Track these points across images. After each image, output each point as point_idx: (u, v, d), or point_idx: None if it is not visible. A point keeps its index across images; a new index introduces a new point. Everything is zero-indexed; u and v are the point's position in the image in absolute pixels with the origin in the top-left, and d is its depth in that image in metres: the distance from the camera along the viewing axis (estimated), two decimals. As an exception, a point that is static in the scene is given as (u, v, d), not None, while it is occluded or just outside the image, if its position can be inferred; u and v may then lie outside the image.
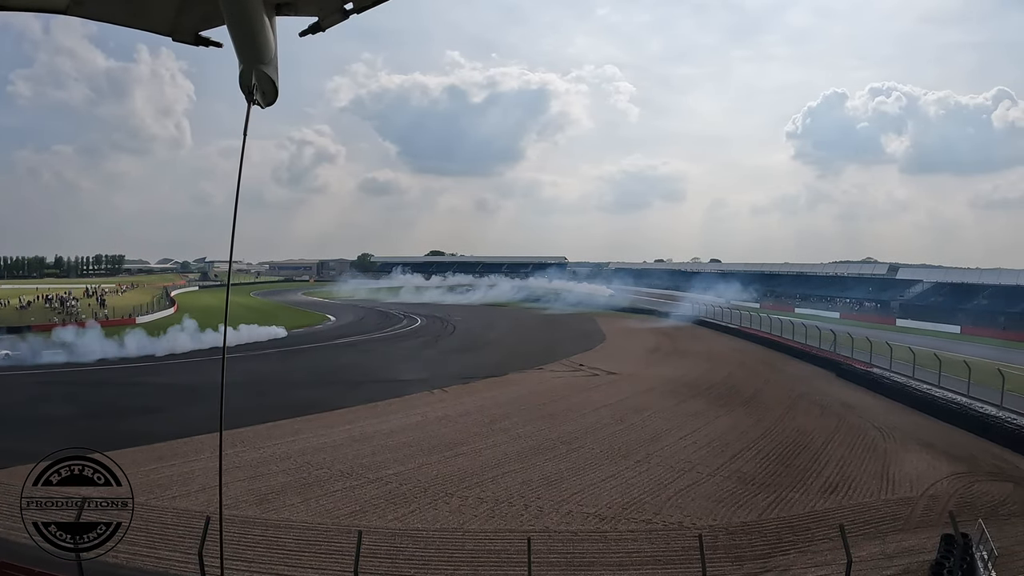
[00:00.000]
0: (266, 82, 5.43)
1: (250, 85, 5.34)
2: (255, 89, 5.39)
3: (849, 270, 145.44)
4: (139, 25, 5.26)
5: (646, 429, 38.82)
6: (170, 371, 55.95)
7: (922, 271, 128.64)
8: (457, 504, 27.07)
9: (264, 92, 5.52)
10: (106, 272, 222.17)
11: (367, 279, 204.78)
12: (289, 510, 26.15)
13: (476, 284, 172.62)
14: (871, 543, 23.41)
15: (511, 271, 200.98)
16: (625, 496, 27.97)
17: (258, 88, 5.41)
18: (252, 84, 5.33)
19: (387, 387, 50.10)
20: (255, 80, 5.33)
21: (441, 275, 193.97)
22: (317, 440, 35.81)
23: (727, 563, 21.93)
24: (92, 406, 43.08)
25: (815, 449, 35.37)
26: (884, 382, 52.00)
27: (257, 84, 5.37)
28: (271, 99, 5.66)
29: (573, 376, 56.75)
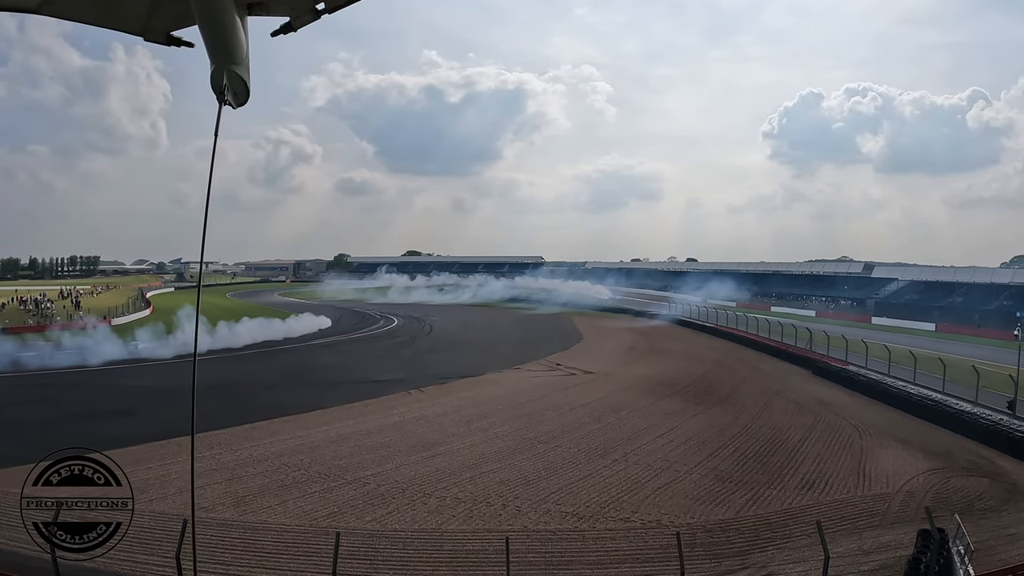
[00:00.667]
0: (237, 82, 5.40)
1: (221, 85, 5.30)
2: (226, 89, 5.36)
3: (825, 269, 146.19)
4: (110, 25, 5.22)
5: (623, 428, 38.89)
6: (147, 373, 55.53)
7: (897, 269, 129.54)
8: (435, 504, 27.01)
9: (236, 92, 5.49)
10: (81, 273, 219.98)
11: (350, 279, 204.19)
12: (267, 512, 26.01)
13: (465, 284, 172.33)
14: (848, 539, 23.54)
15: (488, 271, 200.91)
16: (603, 495, 27.99)
17: (229, 88, 5.38)
18: (223, 84, 5.30)
19: (364, 388, 50.00)
20: (226, 80, 5.29)
21: (425, 275, 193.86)
22: (294, 441, 35.64)
23: (705, 561, 21.97)
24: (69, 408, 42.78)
25: (792, 446, 35.55)
26: (860, 379, 52.33)
27: (228, 84, 5.34)
28: (243, 99, 5.63)
29: (550, 375, 56.79)
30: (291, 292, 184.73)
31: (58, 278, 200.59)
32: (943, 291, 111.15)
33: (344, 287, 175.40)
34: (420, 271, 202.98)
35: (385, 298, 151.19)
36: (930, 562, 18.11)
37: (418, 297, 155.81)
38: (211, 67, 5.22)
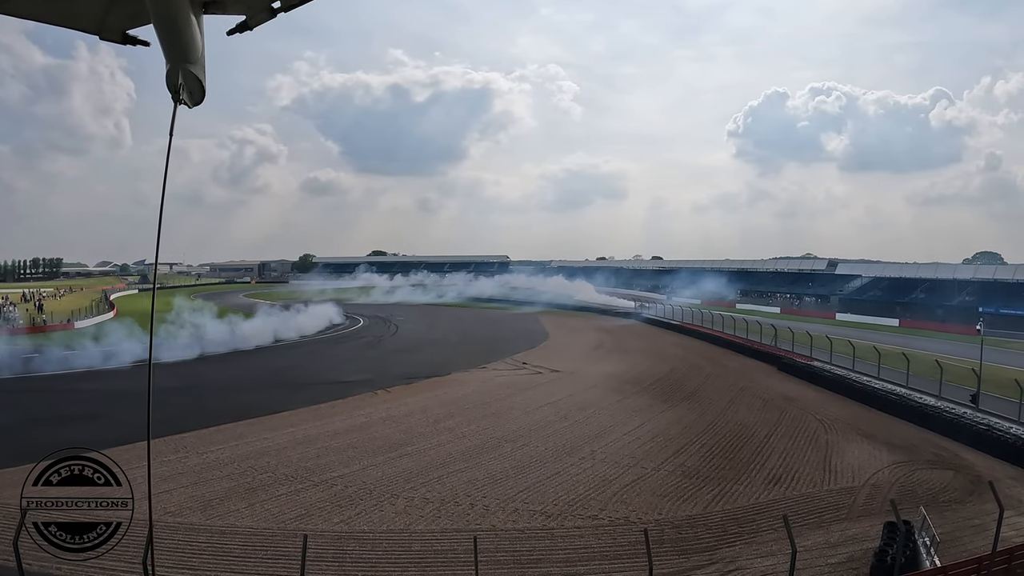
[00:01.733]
0: (193, 81, 5.39)
1: (176, 84, 5.29)
2: (182, 88, 5.35)
3: (789, 266, 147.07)
4: (66, 23, 5.15)
5: (590, 426, 38.95)
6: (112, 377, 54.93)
7: (861, 266, 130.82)
8: (403, 505, 26.92)
9: (191, 91, 5.48)
10: (44, 276, 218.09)
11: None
12: (234, 516, 25.79)
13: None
14: (815, 532, 23.74)
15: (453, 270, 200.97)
16: (571, 493, 28.03)
17: (184, 87, 5.37)
18: (179, 83, 5.30)
19: (330, 389, 49.72)
20: (182, 79, 5.28)
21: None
22: (261, 444, 35.38)
23: (673, 556, 22.04)
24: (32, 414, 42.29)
25: (758, 442, 35.78)
26: (825, 375, 52.72)
27: (184, 83, 5.33)
28: (198, 99, 5.62)
29: (516, 374, 56.71)
30: (263, 293, 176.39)
31: (20, 281, 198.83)
32: (906, 287, 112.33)
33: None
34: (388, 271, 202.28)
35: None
36: (896, 554, 18.21)
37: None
38: (166, 66, 5.20)
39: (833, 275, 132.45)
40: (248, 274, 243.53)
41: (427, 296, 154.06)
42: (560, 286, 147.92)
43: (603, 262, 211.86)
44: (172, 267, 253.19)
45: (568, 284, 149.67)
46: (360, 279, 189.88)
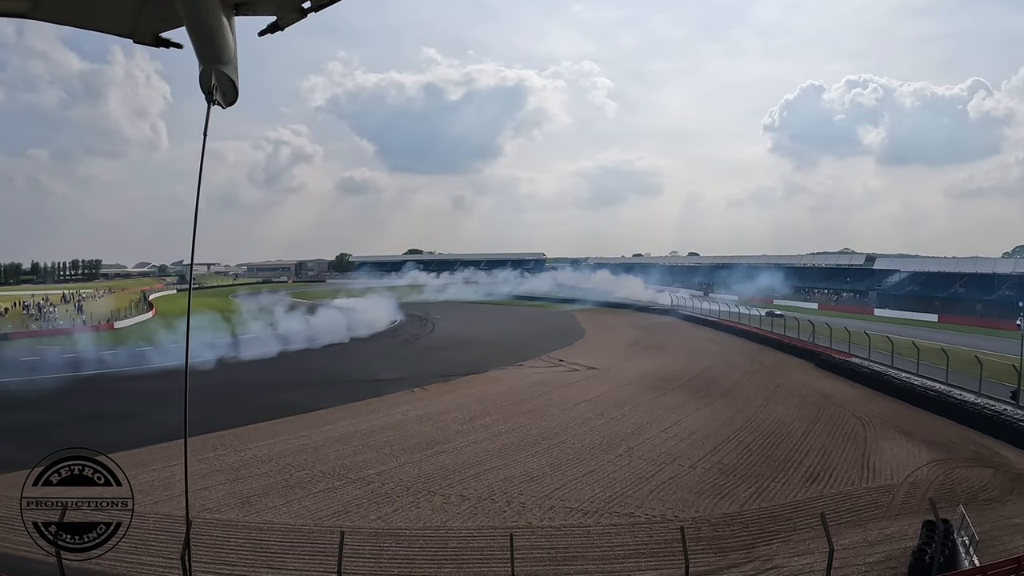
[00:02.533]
0: (226, 82, 5.43)
1: (210, 85, 5.34)
2: (215, 89, 5.39)
3: (827, 261, 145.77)
4: (98, 27, 5.21)
5: (626, 423, 38.90)
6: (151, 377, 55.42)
7: (899, 261, 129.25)
8: (439, 502, 27.03)
9: (224, 92, 5.52)
10: (83, 277, 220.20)
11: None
12: (271, 512, 26.03)
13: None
14: (853, 531, 23.52)
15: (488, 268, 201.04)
16: (607, 490, 28.01)
17: (218, 88, 5.41)
18: (212, 84, 5.33)
19: (366, 387, 50.04)
20: (214, 80, 5.33)
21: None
22: (297, 441, 35.68)
23: (710, 554, 21.96)
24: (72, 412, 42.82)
25: (795, 439, 35.55)
26: (863, 371, 52.33)
27: (217, 84, 5.37)
28: (231, 99, 5.66)
29: (552, 372, 56.75)
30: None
31: (60, 282, 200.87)
32: (945, 282, 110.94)
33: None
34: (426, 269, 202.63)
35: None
36: (935, 553, 18.06)
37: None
38: (199, 68, 5.25)
39: (871, 270, 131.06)
40: (284, 274, 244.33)
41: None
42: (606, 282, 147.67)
43: (640, 258, 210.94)
44: (209, 267, 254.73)
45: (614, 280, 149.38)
46: (406, 277, 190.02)
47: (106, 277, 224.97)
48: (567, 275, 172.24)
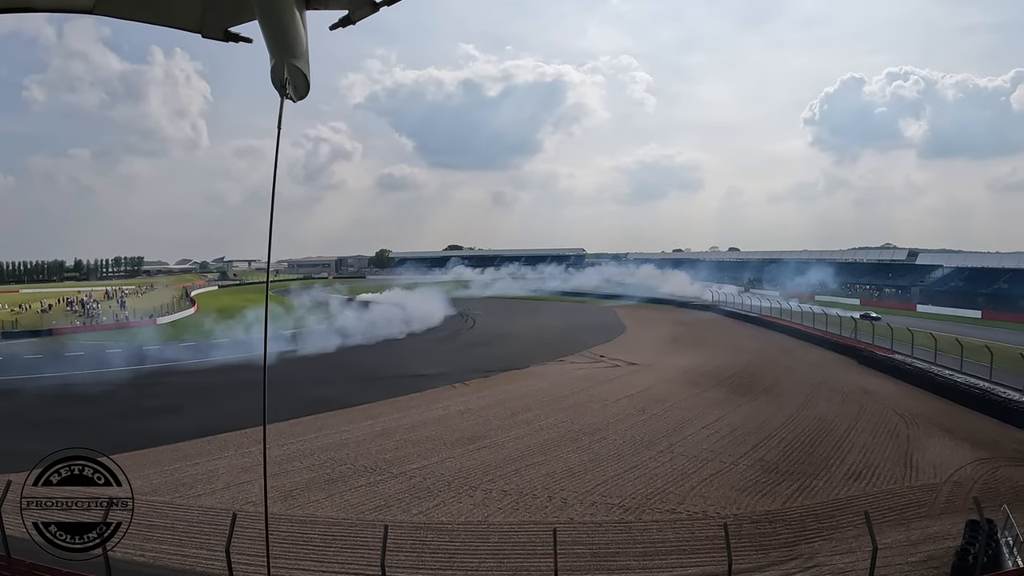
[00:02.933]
0: (298, 76, 5.47)
1: (282, 79, 5.37)
2: (287, 83, 5.43)
3: (868, 256, 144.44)
4: (167, 22, 5.29)
5: (668, 419, 38.95)
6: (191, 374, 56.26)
7: (942, 256, 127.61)
8: (481, 497, 27.24)
9: (296, 86, 5.56)
10: (126, 274, 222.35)
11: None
12: (314, 506, 26.38)
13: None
14: (895, 530, 23.44)
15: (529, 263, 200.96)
16: (649, 486, 28.11)
17: (290, 82, 5.45)
18: (284, 78, 5.37)
19: (408, 382, 50.48)
20: (287, 74, 5.37)
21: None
22: (340, 436, 36.10)
23: (752, 552, 21.98)
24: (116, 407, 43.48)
25: (837, 436, 35.38)
26: (905, 368, 51.90)
27: (289, 78, 5.41)
28: (303, 93, 5.70)
29: (593, 367, 56.83)
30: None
31: (103, 279, 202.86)
32: (989, 277, 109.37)
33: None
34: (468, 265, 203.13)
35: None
36: (978, 553, 18.01)
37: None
38: (271, 62, 5.33)
39: (913, 265, 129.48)
40: (325, 270, 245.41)
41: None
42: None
43: (680, 254, 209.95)
44: (251, 264, 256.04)
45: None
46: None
47: (148, 274, 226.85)
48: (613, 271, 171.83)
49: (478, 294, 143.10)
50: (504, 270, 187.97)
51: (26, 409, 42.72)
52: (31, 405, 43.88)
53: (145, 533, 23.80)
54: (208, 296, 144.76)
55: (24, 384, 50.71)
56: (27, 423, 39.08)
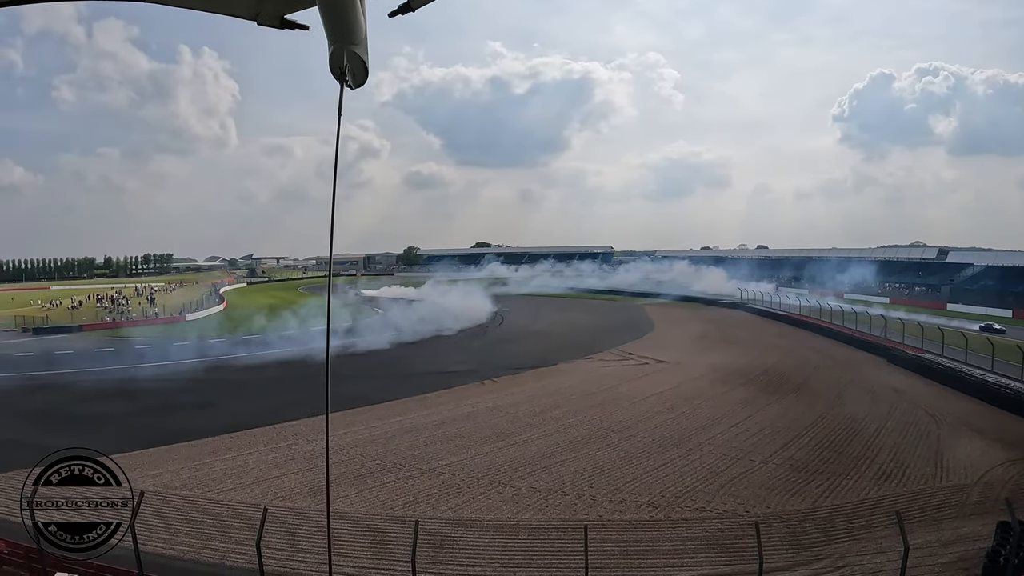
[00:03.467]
0: (356, 62, 5.40)
1: (342, 66, 5.30)
2: (346, 70, 5.36)
3: (898, 254, 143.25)
4: (222, 10, 5.29)
5: (697, 417, 38.96)
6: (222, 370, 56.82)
7: (972, 255, 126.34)
8: (510, 494, 27.38)
9: (355, 73, 5.48)
10: (155, 271, 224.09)
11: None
12: (343, 501, 26.56)
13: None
14: (926, 530, 23.37)
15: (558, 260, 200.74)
16: (678, 484, 28.15)
17: (349, 69, 5.37)
18: (343, 65, 5.30)
19: (437, 379, 50.71)
20: (346, 61, 5.29)
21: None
22: (369, 432, 36.32)
23: (782, 551, 21.98)
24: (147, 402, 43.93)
25: (867, 436, 35.27)
26: (936, 368, 51.57)
27: (348, 65, 5.33)
28: (361, 80, 5.61)
29: (622, 365, 56.85)
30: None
31: (133, 276, 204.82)
32: (1020, 276, 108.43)
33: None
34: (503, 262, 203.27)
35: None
36: (1009, 555, 17.96)
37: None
38: (330, 48, 5.27)
39: (943, 264, 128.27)
40: (353, 267, 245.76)
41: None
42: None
43: (707, 251, 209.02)
44: (279, 261, 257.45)
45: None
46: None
47: (177, 271, 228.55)
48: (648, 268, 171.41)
49: (512, 291, 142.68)
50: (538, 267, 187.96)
51: (57, 404, 43.31)
52: (62, 400, 44.44)
53: (175, 527, 24.17)
54: (237, 293, 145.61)
55: (54, 379, 51.44)
56: (59, 418, 39.58)
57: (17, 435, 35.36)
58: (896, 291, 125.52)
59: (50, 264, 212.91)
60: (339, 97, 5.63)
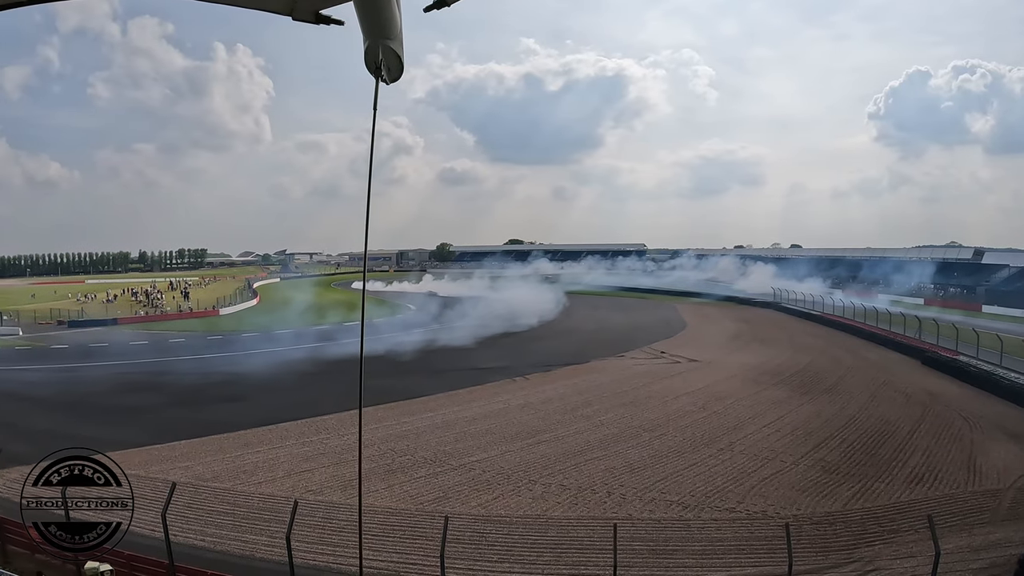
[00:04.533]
0: (392, 57, 5.46)
1: (377, 61, 5.39)
2: (382, 65, 5.44)
3: (933, 254, 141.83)
4: (257, 5, 5.24)
5: (728, 417, 38.92)
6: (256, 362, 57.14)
7: (1008, 255, 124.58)
8: (540, 491, 27.51)
9: (390, 67, 5.56)
10: (189, 266, 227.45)
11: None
12: (373, 495, 26.83)
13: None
14: (957, 535, 23.23)
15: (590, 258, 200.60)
16: (708, 484, 28.16)
17: (384, 64, 5.45)
18: (379, 60, 5.39)
19: (468, 375, 51.02)
20: (382, 56, 5.37)
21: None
22: (400, 427, 36.62)
23: (811, 553, 21.95)
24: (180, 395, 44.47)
25: (900, 438, 35.02)
26: (970, 370, 51.03)
27: (384, 60, 5.41)
28: (396, 75, 5.71)
29: (654, 363, 56.80)
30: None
31: (167, 270, 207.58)
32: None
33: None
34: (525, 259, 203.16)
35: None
36: (1042, 561, 17.87)
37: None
38: (365, 43, 5.35)
39: (979, 264, 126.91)
40: (386, 263, 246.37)
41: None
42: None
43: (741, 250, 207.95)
44: (312, 256, 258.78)
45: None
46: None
47: (211, 265, 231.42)
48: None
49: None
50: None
51: (91, 396, 44.09)
52: (96, 392, 45.25)
53: (206, 518, 24.52)
54: (270, 288, 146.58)
55: (89, 372, 52.16)
56: (92, 410, 40.24)
57: (51, 426, 36.09)
58: (930, 292, 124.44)
59: (85, 258, 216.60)
60: (374, 92, 5.76)
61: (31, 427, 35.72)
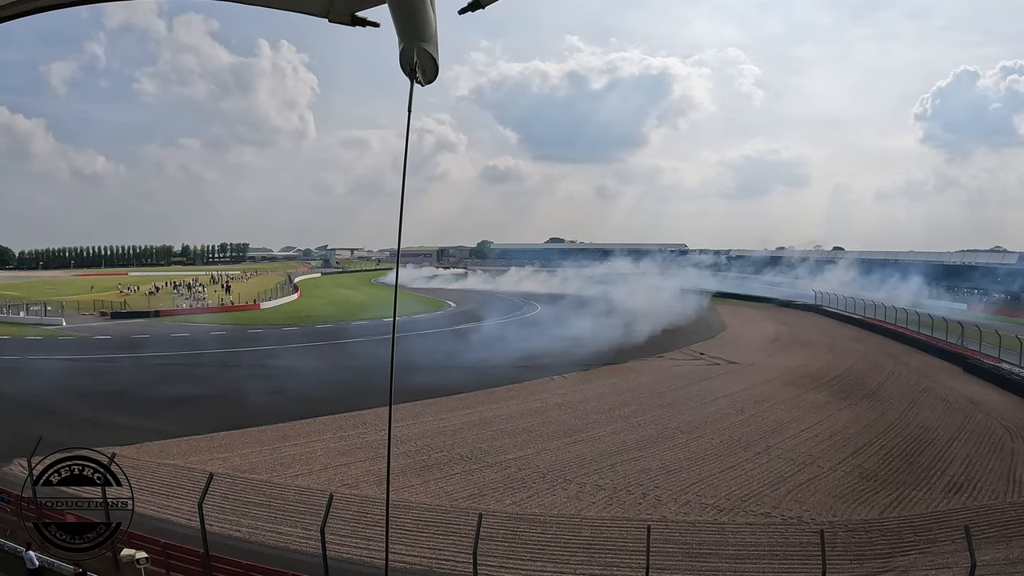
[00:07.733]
0: (427, 59, 5.48)
1: (411, 63, 5.39)
2: (416, 67, 5.44)
3: (977, 259, 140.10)
4: (293, 7, 5.33)
5: (766, 420, 38.76)
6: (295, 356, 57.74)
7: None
8: (575, 491, 27.63)
9: (424, 69, 5.56)
10: (231, 260, 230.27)
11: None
12: (408, 491, 27.09)
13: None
14: (995, 547, 23.00)
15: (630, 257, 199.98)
16: (744, 488, 28.14)
17: (419, 66, 5.46)
18: (413, 62, 5.39)
19: (506, 373, 51.01)
20: (416, 58, 5.38)
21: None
22: (437, 424, 36.89)
23: (846, 561, 21.90)
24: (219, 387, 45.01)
25: (939, 447, 34.66)
26: (1013, 378, 50.30)
27: (418, 62, 5.42)
28: (431, 77, 5.71)
29: (693, 365, 56.60)
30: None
31: (209, 264, 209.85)
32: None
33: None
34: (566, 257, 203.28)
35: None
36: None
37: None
38: (400, 46, 5.37)
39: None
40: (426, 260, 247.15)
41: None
42: None
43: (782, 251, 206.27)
44: (353, 252, 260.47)
45: None
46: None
47: (253, 260, 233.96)
48: None
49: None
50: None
51: (131, 387, 44.78)
52: (137, 383, 45.94)
53: (242, 510, 24.87)
54: (311, 283, 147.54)
55: (130, 363, 52.78)
56: (132, 400, 40.92)
57: (92, 414, 36.75)
58: (975, 297, 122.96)
59: (129, 251, 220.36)
60: (409, 93, 5.72)
61: (73, 416, 36.37)
